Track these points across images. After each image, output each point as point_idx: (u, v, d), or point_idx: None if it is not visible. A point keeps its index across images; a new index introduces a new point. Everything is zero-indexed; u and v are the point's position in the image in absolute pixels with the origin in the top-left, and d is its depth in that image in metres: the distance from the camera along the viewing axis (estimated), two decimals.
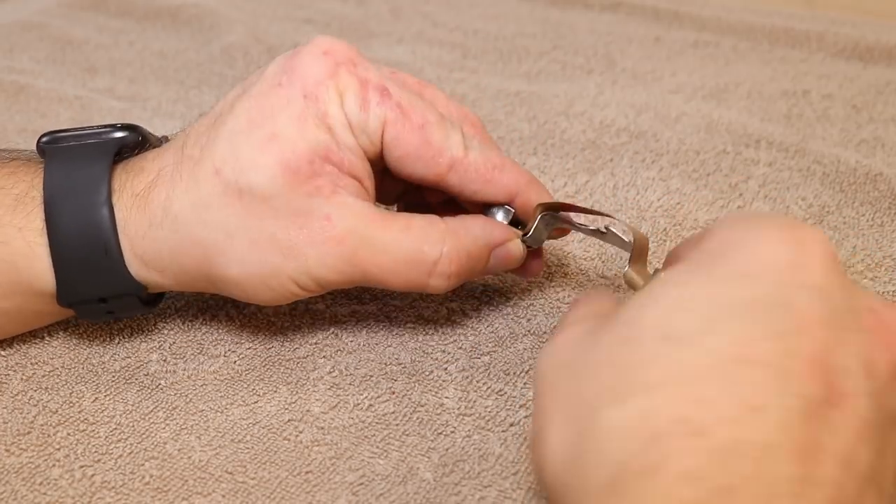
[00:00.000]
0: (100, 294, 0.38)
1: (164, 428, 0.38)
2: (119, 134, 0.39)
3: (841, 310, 0.28)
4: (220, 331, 0.43)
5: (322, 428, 0.38)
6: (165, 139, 0.42)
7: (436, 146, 0.39)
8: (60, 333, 0.42)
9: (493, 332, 0.44)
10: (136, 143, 0.40)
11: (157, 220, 0.37)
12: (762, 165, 0.58)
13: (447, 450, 0.37)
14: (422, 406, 0.39)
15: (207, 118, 0.39)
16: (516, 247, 0.41)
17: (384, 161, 0.39)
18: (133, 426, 0.38)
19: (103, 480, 0.35)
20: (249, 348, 0.42)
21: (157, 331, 0.43)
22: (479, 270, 0.40)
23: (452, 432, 0.38)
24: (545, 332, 0.43)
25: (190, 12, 0.82)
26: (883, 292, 0.46)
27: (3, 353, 0.41)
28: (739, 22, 0.80)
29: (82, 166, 0.38)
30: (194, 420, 0.38)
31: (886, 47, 0.74)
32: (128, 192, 0.38)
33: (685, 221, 0.51)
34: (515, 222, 0.41)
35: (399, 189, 0.44)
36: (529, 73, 0.72)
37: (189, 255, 0.38)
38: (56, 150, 0.39)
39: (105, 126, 0.40)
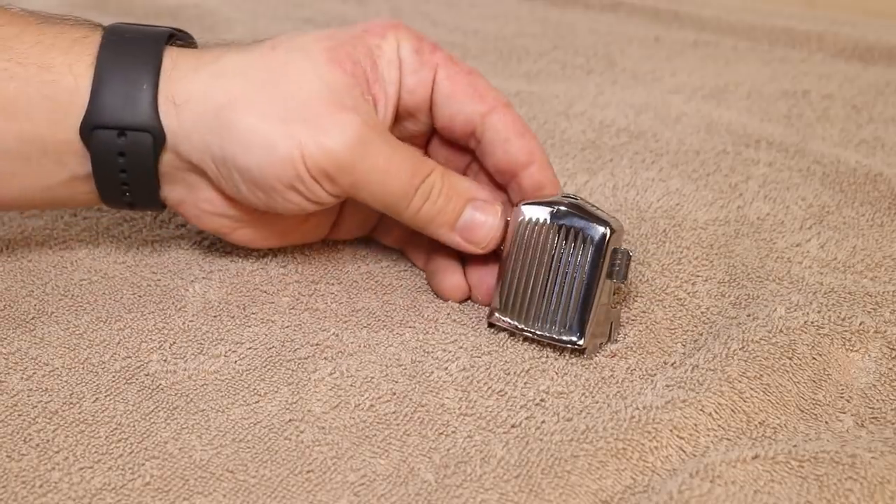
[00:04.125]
0: (121, 121, 0.40)
1: (164, 428, 0.38)
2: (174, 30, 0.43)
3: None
4: (221, 331, 0.43)
5: (323, 428, 0.38)
6: None
7: (482, 89, 0.43)
8: (61, 333, 0.42)
9: (493, 331, 0.44)
10: (191, 41, 0.44)
11: (202, 65, 0.41)
12: (762, 165, 0.58)
13: (448, 450, 0.37)
14: (422, 406, 0.39)
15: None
16: (492, 211, 0.43)
17: (431, 112, 0.44)
18: (133, 426, 0.38)
19: (103, 481, 0.35)
20: (250, 348, 0.42)
21: (157, 331, 0.43)
22: (454, 208, 0.42)
23: (453, 432, 0.38)
24: None
25: (190, 12, 0.82)
26: (883, 292, 0.46)
27: (3, 352, 0.41)
28: (739, 22, 0.80)
29: (141, 29, 0.42)
30: (195, 420, 0.38)
31: (886, 47, 0.74)
32: (182, 49, 0.42)
33: (685, 222, 0.51)
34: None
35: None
36: (529, 73, 0.72)
37: (218, 98, 0.40)
38: (116, 26, 0.42)
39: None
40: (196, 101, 0.40)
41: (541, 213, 0.42)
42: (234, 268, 0.47)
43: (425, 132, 0.46)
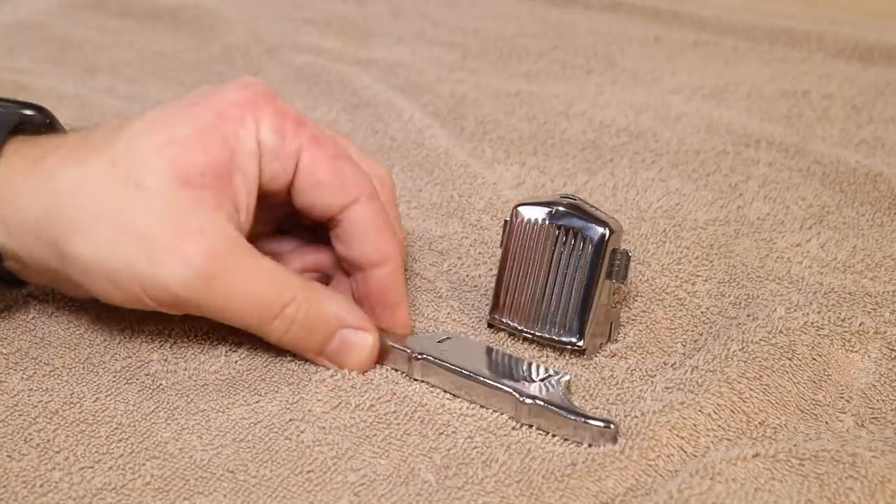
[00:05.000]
0: None
1: (165, 428, 0.38)
2: (27, 111, 0.40)
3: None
4: (222, 331, 0.43)
5: (323, 428, 0.38)
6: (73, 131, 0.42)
7: (347, 176, 0.40)
8: (61, 333, 0.42)
9: (493, 331, 0.44)
10: (43, 124, 0.41)
11: (35, 185, 0.38)
12: (762, 165, 0.58)
13: (449, 450, 0.37)
14: (422, 406, 0.39)
15: (121, 119, 0.40)
16: (364, 340, 0.40)
17: (289, 192, 0.40)
18: (134, 426, 0.38)
19: (104, 481, 0.35)
20: (250, 348, 0.42)
21: (157, 331, 0.43)
22: (319, 338, 0.40)
23: (454, 433, 0.38)
24: None
25: (190, 12, 0.82)
26: (883, 292, 0.46)
27: (3, 352, 0.41)
28: (739, 22, 0.80)
29: None
30: (195, 420, 0.38)
31: (886, 47, 0.74)
32: (17, 155, 0.39)
33: (685, 222, 0.51)
34: None
35: (275, 222, 0.45)
36: (529, 73, 0.72)
37: (54, 225, 0.37)
38: None
39: (16, 101, 0.41)
40: (32, 227, 0.38)
41: (539, 214, 0.42)
42: None
43: (285, 212, 0.43)
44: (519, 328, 0.42)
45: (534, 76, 0.71)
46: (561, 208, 0.41)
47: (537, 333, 0.42)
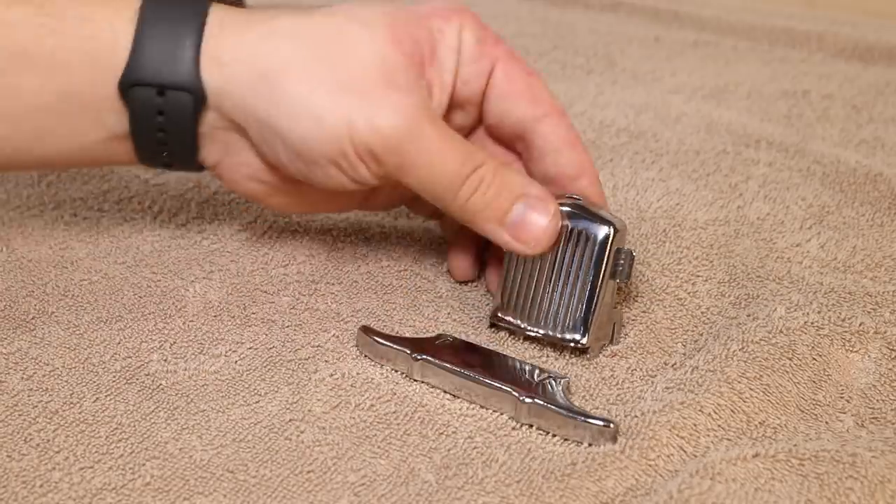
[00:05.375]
0: (161, 79, 0.39)
1: (165, 428, 0.38)
2: None
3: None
4: (221, 331, 0.43)
5: (323, 428, 0.38)
6: None
7: (539, 92, 0.42)
8: (61, 333, 0.42)
9: (494, 330, 0.44)
10: (238, 3, 0.44)
11: (252, 24, 0.39)
12: (762, 165, 0.58)
13: (449, 450, 0.37)
14: (423, 406, 0.39)
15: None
16: (544, 213, 0.40)
17: (479, 99, 0.42)
18: (134, 426, 0.38)
19: (104, 481, 0.35)
20: (250, 348, 0.42)
21: (157, 331, 0.43)
22: (505, 202, 0.40)
23: (454, 433, 0.38)
24: None
25: None
26: (883, 292, 0.46)
27: (3, 352, 0.41)
28: (739, 22, 0.80)
29: None
30: (195, 420, 0.38)
31: (886, 47, 0.74)
32: (229, 8, 0.40)
33: (685, 222, 0.51)
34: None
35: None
36: None
37: (269, 60, 0.38)
38: None
39: None
40: (243, 61, 0.39)
41: None
42: (234, 268, 0.47)
43: (472, 126, 0.44)
44: (522, 326, 0.42)
45: None
46: (566, 207, 0.41)
47: (541, 332, 0.42)
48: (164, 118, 0.40)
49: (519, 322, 0.42)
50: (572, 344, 0.41)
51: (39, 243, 0.48)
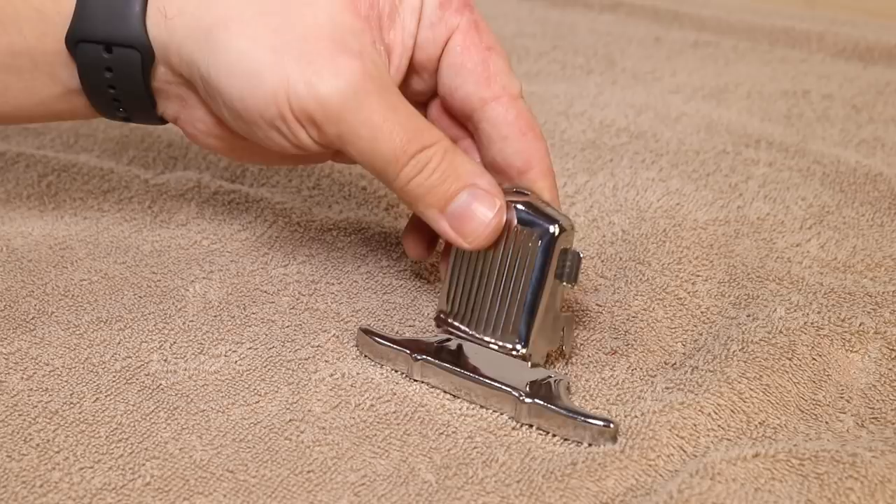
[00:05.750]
0: (107, 35, 0.38)
1: (165, 428, 0.38)
2: None
3: None
4: (221, 331, 0.43)
5: (323, 428, 0.38)
6: None
7: (494, 71, 0.39)
8: (61, 333, 0.42)
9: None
10: None
11: None
12: (762, 165, 0.58)
13: (449, 450, 0.37)
14: (423, 406, 0.39)
15: None
16: (489, 209, 0.37)
17: (434, 67, 0.40)
18: (134, 426, 0.38)
19: (104, 481, 0.35)
20: (250, 348, 0.42)
21: (157, 331, 0.43)
22: (448, 189, 0.37)
23: (454, 433, 0.38)
24: None
25: None
26: (883, 292, 0.46)
27: (3, 352, 0.41)
28: (739, 22, 0.80)
29: None
30: (195, 420, 0.38)
31: (886, 47, 0.74)
32: None
33: (685, 222, 0.51)
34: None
35: None
36: (529, 73, 0.72)
37: (212, 13, 0.37)
38: None
39: None
40: (189, 14, 0.37)
41: None
42: (234, 268, 0.47)
43: (430, 94, 0.42)
44: (462, 330, 0.40)
45: (534, 76, 0.71)
46: (510, 201, 0.39)
47: (484, 339, 0.39)
48: (112, 75, 0.39)
49: (461, 326, 0.40)
50: (512, 353, 0.39)
51: (39, 243, 0.48)
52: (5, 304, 0.44)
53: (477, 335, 0.40)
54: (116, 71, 0.39)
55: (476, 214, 0.38)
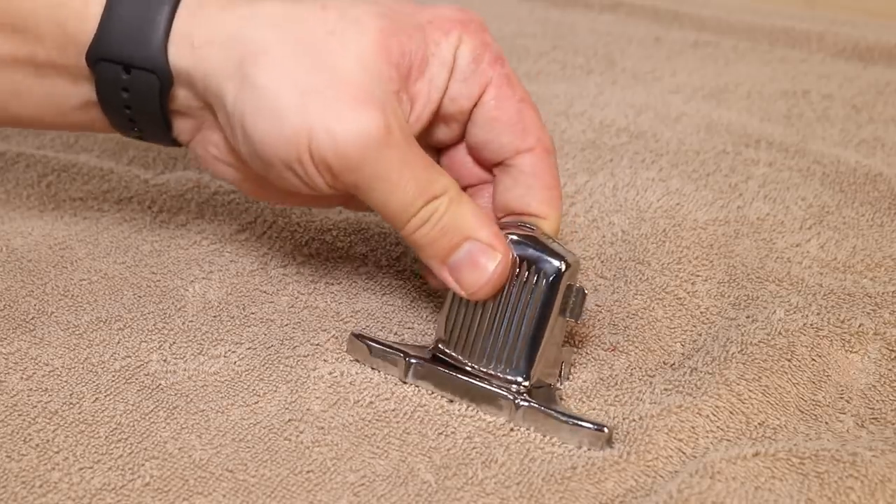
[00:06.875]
0: (127, 57, 0.38)
1: (164, 428, 0.38)
2: None
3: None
4: (221, 331, 0.43)
5: (322, 428, 0.38)
6: None
7: (528, 123, 0.40)
8: (60, 333, 0.42)
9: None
10: None
11: (232, 6, 0.37)
12: (762, 165, 0.58)
13: (448, 450, 0.37)
14: (422, 406, 0.39)
15: None
16: (489, 262, 0.38)
17: (465, 118, 0.40)
18: (133, 426, 0.38)
19: (103, 481, 0.35)
20: (249, 348, 0.42)
21: (157, 331, 0.43)
22: (449, 243, 0.38)
23: (453, 433, 0.38)
24: None
25: None
26: (883, 293, 0.46)
27: (3, 352, 0.41)
28: (739, 22, 0.80)
29: None
30: (195, 420, 0.38)
31: (886, 47, 0.74)
32: None
33: (685, 222, 0.51)
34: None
35: None
36: (529, 73, 0.72)
37: (245, 44, 0.37)
38: None
39: None
40: (219, 43, 0.37)
41: None
42: (234, 268, 0.47)
43: (454, 141, 0.42)
44: (462, 361, 0.39)
45: (534, 76, 0.71)
46: (515, 237, 0.39)
47: (481, 369, 0.39)
48: (129, 95, 0.39)
49: (460, 357, 0.39)
50: (514, 386, 0.38)
51: (39, 243, 0.48)
52: (5, 304, 0.44)
53: (475, 365, 0.39)
54: (133, 92, 0.39)
55: (476, 268, 0.38)
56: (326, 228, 0.50)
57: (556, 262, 0.38)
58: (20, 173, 0.53)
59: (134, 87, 0.39)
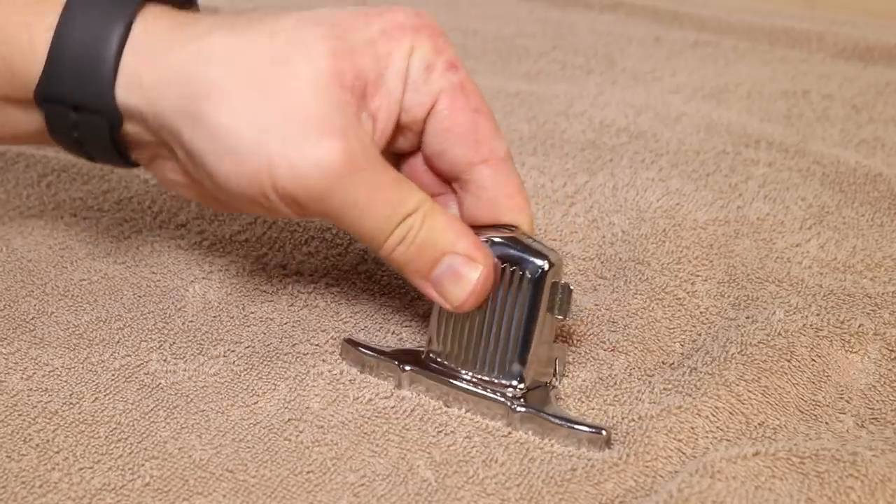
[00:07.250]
0: (74, 99, 0.37)
1: (164, 427, 0.38)
2: None
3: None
4: (221, 331, 0.43)
5: (322, 426, 0.38)
6: None
7: (483, 133, 0.39)
8: (60, 333, 0.42)
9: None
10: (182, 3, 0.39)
11: (182, 43, 0.36)
12: (762, 165, 0.58)
13: (448, 447, 0.37)
14: (420, 406, 0.39)
15: (281, 10, 0.39)
16: (471, 272, 0.38)
17: (420, 128, 0.39)
18: (133, 426, 0.38)
19: (103, 481, 0.35)
20: (249, 347, 0.42)
21: (156, 330, 0.43)
22: (428, 259, 0.38)
23: (453, 431, 0.38)
24: None
25: None
26: (883, 293, 0.46)
27: (3, 352, 0.41)
28: (739, 22, 0.80)
29: None
30: (195, 419, 0.38)
31: (886, 47, 0.74)
32: (160, 13, 0.37)
33: (685, 222, 0.51)
34: None
35: None
36: (529, 73, 0.72)
37: (196, 84, 0.36)
38: None
39: None
40: (168, 83, 0.36)
41: None
42: (233, 268, 0.47)
43: (414, 149, 0.41)
44: (455, 369, 0.39)
45: (534, 76, 0.71)
46: (497, 239, 0.38)
47: (475, 376, 0.39)
48: (79, 133, 0.38)
49: (451, 364, 0.39)
50: (509, 391, 0.38)
51: (39, 243, 0.48)
52: (5, 304, 0.44)
53: (468, 373, 0.39)
54: (82, 129, 0.38)
55: (459, 281, 0.38)
56: (326, 228, 0.50)
57: (538, 261, 0.38)
58: (20, 173, 0.53)
59: (83, 126, 0.38)
